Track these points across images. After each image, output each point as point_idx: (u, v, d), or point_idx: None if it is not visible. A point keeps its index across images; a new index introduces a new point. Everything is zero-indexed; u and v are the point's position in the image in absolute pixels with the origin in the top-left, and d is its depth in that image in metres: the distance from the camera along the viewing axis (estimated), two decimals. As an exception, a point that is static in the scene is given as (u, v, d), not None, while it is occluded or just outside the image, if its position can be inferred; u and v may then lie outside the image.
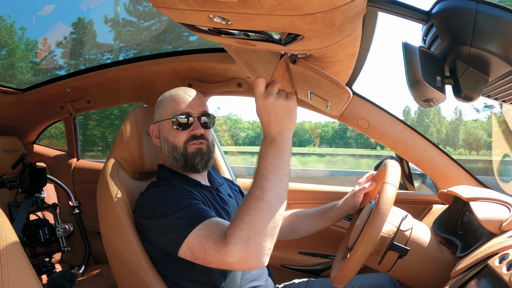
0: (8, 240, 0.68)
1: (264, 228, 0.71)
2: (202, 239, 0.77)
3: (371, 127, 1.30)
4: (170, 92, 1.04)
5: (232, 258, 0.71)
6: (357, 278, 1.07)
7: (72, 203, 1.85)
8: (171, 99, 1.01)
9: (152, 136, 1.06)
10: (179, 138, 0.99)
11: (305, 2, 0.46)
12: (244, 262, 0.71)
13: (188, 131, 0.99)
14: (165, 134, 1.01)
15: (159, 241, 0.87)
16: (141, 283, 0.91)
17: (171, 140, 0.99)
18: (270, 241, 0.72)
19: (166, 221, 0.84)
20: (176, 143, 0.99)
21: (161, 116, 1.01)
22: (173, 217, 0.83)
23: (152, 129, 1.05)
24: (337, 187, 1.54)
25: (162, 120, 1.01)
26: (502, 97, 0.68)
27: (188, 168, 0.99)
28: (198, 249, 0.77)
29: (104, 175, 1.03)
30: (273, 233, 0.73)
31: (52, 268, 1.67)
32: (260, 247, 0.71)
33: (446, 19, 0.56)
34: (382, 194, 0.85)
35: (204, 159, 1.00)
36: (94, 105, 1.75)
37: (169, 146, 1.00)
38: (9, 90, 1.76)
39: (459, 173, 1.28)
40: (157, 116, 1.03)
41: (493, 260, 0.69)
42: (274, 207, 0.72)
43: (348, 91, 0.79)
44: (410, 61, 0.57)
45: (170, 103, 1.01)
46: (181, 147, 0.98)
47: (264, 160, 0.74)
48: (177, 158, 0.99)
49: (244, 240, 0.70)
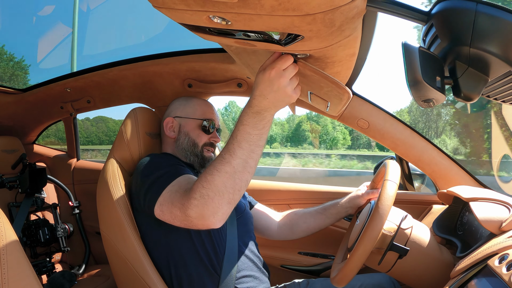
0: (8, 240, 0.68)
1: (224, 190, 0.74)
2: (172, 194, 0.83)
3: (371, 128, 1.30)
4: (198, 98, 1.18)
5: (191, 211, 0.75)
6: (357, 278, 1.07)
7: (72, 203, 1.85)
8: (201, 103, 1.15)
9: (166, 127, 1.13)
10: (201, 139, 1.11)
11: (305, 3, 0.46)
12: (201, 218, 0.75)
13: (209, 136, 1.13)
14: (188, 130, 1.11)
15: (141, 202, 0.91)
16: (141, 283, 0.91)
17: (193, 137, 1.11)
18: (228, 203, 0.75)
19: (147, 179, 0.90)
20: (197, 141, 1.11)
21: (188, 114, 1.13)
22: (154, 175, 0.89)
23: (168, 121, 1.13)
24: (337, 187, 1.54)
25: (188, 117, 1.12)
26: (502, 97, 0.68)
27: (202, 167, 1.10)
28: (167, 203, 0.82)
29: (104, 175, 1.03)
30: (232, 196, 0.76)
31: (52, 268, 1.67)
32: (217, 206, 0.74)
33: (446, 20, 0.56)
34: (382, 191, 0.85)
35: None
36: (94, 105, 1.75)
37: (189, 141, 1.10)
38: (9, 90, 1.76)
39: (459, 173, 1.28)
40: (182, 112, 1.13)
41: (493, 260, 0.69)
42: (238, 173, 0.75)
43: (348, 92, 0.79)
44: (410, 61, 0.57)
45: (200, 106, 1.14)
46: (200, 147, 1.11)
47: (243, 127, 0.76)
48: (195, 154, 1.10)
49: (203, 197, 0.74)
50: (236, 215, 1.05)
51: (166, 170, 0.90)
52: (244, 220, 1.08)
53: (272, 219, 1.25)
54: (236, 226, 1.03)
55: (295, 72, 0.75)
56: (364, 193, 1.17)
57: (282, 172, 9.05)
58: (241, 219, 1.07)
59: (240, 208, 1.09)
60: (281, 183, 1.59)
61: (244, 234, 1.05)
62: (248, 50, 0.85)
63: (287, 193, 1.56)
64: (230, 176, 0.75)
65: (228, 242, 0.98)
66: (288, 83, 0.74)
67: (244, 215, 1.09)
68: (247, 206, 1.17)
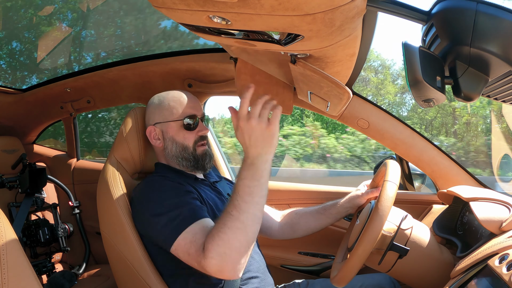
0: (8, 240, 0.68)
1: (239, 245, 0.76)
2: (187, 244, 0.82)
3: (371, 127, 1.30)
4: (171, 95, 1.05)
5: (210, 269, 0.77)
6: (357, 278, 1.07)
7: (72, 203, 1.85)
8: (175, 101, 1.03)
9: (150, 137, 1.05)
10: (188, 139, 1.02)
11: (305, 2, 0.46)
12: (221, 273, 0.77)
13: (195, 132, 1.03)
14: (173, 135, 1.02)
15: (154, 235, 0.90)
16: (142, 283, 0.91)
17: (181, 141, 1.02)
18: (245, 256, 0.78)
19: (159, 220, 0.87)
20: (186, 144, 1.02)
21: (166, 118, 1.03)
22: (165, 218, 0.86)
23: (151, 130, 1.05)
24: (337, 187, 1.54)
25: (167, 121, 1.03)
26: (502, 97, 0.68)
27: (199, 168, 1.04)
28: (183, 252, 0.83)
29: (104, 175, 1.03)
30: (247, 249, 0.78)
31: (52, 268, 1.67)
32: (235, 261, 0.76)
33: (446, 19, 0.56)
34: (382, 192, 0.85)
35: (211, 158, 1.06)
36: (94, 105, 1.75)
37: (178, 146, 1.02)
38: (9, 90, 1.76)
39: (459, 173, 1.28)
40: (159, 117, 1.04)
41: (493, 260, 0.69)
42: (249, 227, 0.77)
43: (347, 91, 0.79)
44: (410, 61, 0.57)
45: (175, 105, 1.03)
46: (191, 147, 1.02)
47: (242, 182, 0.78)
48: (187, 158, 1.02)
49: (220, 255, 0.76)
50: None
51: (176, 213, 0.85)
52: None
53: (273, 219, 1.25)
54: None
55: (259, 108, 0.78)
56: (364, 193, 1.16)
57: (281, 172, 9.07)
58: None
59: None
60: (281, 183, 1.59)
61: None
62: (248, 50, 0.85)
63: (287, 193, 1.56)
64: (242, 231, 0.76)
65: None
66: (258, 121, 0.77)
67: None
68: None
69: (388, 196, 0.83)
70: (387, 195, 0.83)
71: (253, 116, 0.77)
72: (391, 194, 0.83)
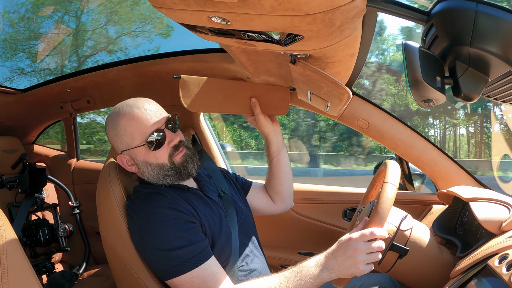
0: (8, 240, 0.68)
1: None
2: (194, 287, 0.82)
3: (371, 128, 1.30)
4: (122, 117, 0.91)
5: None
6: (357, 278, 1.07)
7: (72, 203, 1.85)
8: (131, 123, 0.90)
9: (124, 166, 0.97)
10: (162, 157, 0.92)
11: (305, 3, 0.46)
12: None
13: (165, 145, 0.92)
14: (144, 159, 0.93)
15: (148, 263, 0.89)
16: (140, 284, 0.91)
17: (154, 162, 0.92)
18: None
19: (158, 254, 0.85)
20: (160, 162, 0.92)
21: (129, 145, 0.92)
22: (166, 255, 0.84)
23: (121, 159, 0.95)
24: (337, 187, 1.54)
25: (132, 148, 0.92)
26: (502, 97, 0.68)
27: (184, 177, 0.96)
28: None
29: (103, 175, 1.03)
30: None
31: (52, 268, 1.67)
32: None
33: (446, 20, 0.56)
34: (382, 193, 0.85)
35: (193, 161, 0.97)
36: (94, 105, 1.75)
37: (154, 168, 0.93)
38: (9, 90, 1.76)
39: (458, 173, 1.28)
40: (122, 145, 0.93)
41: (493, 260, 0.69)
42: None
43: (347, 92, 0.79)
44: (410, 61, 0.57)
45: (132, 130, 0.90)
46: (168, 163, 0.93)
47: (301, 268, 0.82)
48: (168, 174, 0.94)
49: None
50: (237, 221, 1.04)
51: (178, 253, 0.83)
52: (246, 226, 1.07)
53: (268, 197, 1.27)
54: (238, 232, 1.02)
55: (379, 249, 0.79)
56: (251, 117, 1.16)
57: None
58: (241, 226, 1.05)
59: (239, 212, 1.07)
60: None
61: (247, 237, 1.05)
62: (248, 50, 0.85)
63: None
64: None
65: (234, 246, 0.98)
66: (363, 256, 0.78)
67: (243, 219, 1.08)
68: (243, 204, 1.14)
69: (388, 198, 0.83)
70: (386, 197, 0.83)
71: (365, 246, 0.78)
72: (390, 195, 0.83)
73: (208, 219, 0.94)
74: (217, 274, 0.85)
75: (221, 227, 0.95)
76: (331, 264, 0.80)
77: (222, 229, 0.95)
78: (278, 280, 0.82)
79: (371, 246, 0.78)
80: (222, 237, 0.94)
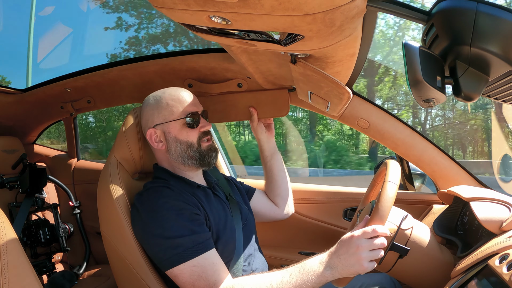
0: (8, 240, 0.68)
1: None
2: (194, 275, 0.83)
3: (371, 127, 1.30)
4: (167, 93, 1.02)
5: None
6: (357, 278, 1.07)
7: (72, 203, 1.85)
8: (174, 99, 1.00)
9: (151, 140, 1.02)
10: (192, 137, 1.00)
11: (305, 2, 0.46)
12: None
13: (198, 129, 1.01)
14: (176, 135, 0.99)
15: (149, 252, 0.90)
16: (141, 284, 0.91)
17: (184, 139, 0.99)
18: None
19: (161, 242, 0.86)
20: (190, 141, 0.99)
21: (167, 118, 0.99)
22: (168, 243, 0.85)
23: (151, 133, 1.01)
24: (337, 187, 1.54)
25: (168, 121, 0.99)
26: (502, 97, 0.68)
27: (204, 164, 1.01)
28: (185, 280, 0.84)
29: (104, 175, 1.03)
30: None
31: (52, 268, 1.67)
32: None
33: (446, 19, 0.56)
34: (383, 192, 0.85)
35: (216, 154, 1.05)
36: (94, 105, 1.75)
37: (182, 145, 0.99)
38: (9, 90, 1.76)
39: (459, 173, 1.28)
40: (159, 118, 1.00)
41: (493, 260, 0.69)
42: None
43: (348, 91, 0.79)
44: (410, 61, 0.57)
45: (175, 104, 1.00)
46: (196, 144, 1.00)
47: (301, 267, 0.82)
48: (192, 156, 1.00)
49: None
50: (241, 223, 1.05)
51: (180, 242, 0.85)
52: (249, 228, 1.08)
53: (272, 203, 1.32)
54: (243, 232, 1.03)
55: (381, 246, 0.79)
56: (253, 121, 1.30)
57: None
58: (245, 228, 1.06)
59: (244, 215, 1.09)
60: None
61: (250, 240, 1.06)
62: (248, 50, 0.85)
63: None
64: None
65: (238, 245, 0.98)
66: (366, 253, 0.78)
67: (247, 222, 1.09)
68: (247, 208, 1.16)
69: (388, 196, 0.83)
70: (387, 196, 0.83)
71: (367, 243, 0.78)
72: (391, 194, 0.83)
73: (214, 214, 0.96)
74: (217, 264, 0.86)
75: (226, 223, 0.97)
76: (334, 262, 0.80)
77: (227, 225, 0.97)
78: (280, 275, 0.82)
79: (373, 243, 0.78)
80: (227, 232, 0.95)
